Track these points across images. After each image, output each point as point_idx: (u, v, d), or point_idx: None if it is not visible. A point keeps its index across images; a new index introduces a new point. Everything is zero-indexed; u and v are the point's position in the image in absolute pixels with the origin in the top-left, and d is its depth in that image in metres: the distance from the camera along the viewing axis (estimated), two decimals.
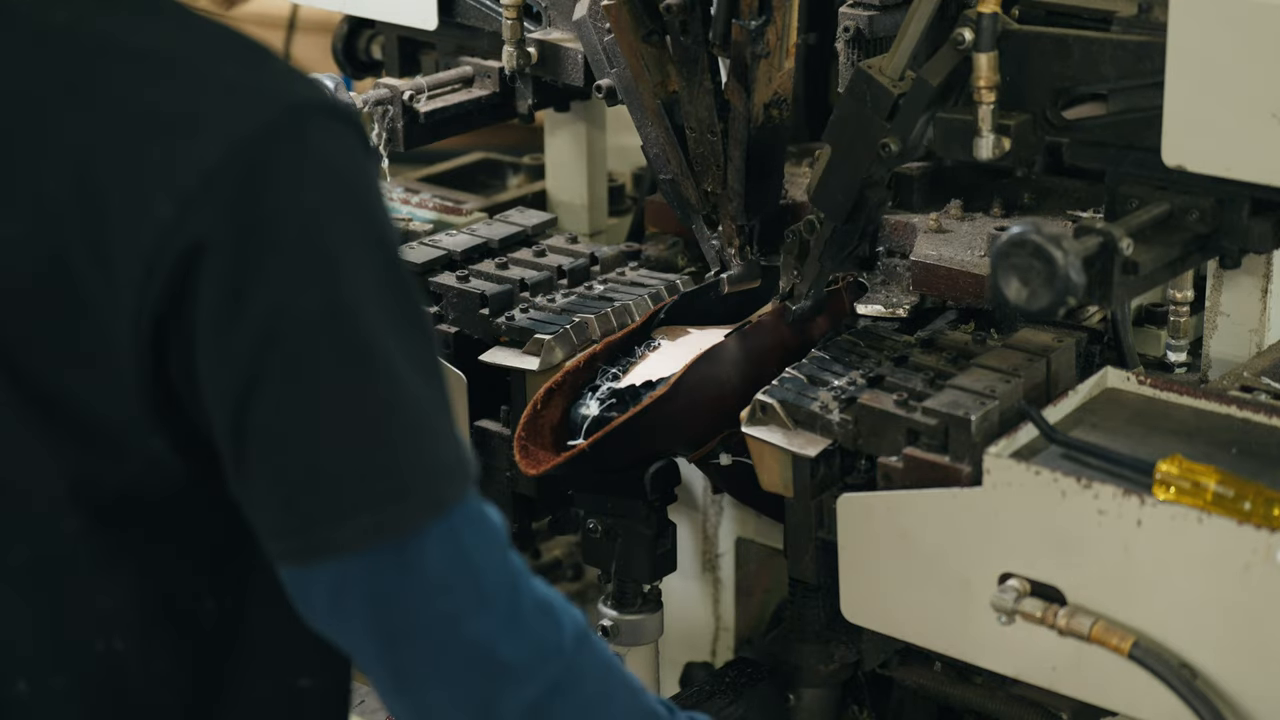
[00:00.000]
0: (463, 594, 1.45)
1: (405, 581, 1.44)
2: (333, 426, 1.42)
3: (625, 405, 2.14)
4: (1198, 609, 1.77)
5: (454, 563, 1.45)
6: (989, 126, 1.95)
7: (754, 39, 2.07)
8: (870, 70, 2.04)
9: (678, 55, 2.17)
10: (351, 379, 1.42)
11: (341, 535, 1.43)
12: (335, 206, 1.41)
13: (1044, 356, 2.05)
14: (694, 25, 2.13)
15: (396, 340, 1.43)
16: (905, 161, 2.09)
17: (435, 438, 1.46)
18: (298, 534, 1.44)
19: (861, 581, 2.00)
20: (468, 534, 1.46)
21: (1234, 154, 1.93)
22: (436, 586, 1.45)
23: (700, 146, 2.20)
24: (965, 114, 1.98)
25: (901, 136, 2.02)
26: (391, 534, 1.43)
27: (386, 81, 2.61)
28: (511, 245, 2.50)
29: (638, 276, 2.44)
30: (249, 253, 1.38)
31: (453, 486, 1.46)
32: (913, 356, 2.11)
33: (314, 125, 1.41)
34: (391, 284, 1.44)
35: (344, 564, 1.43)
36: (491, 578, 1.47)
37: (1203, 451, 1.85)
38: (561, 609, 1.52)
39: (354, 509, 1.42)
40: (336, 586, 1.45)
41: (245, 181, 1.38)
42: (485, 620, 1.46)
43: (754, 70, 2.11)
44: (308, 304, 1.39)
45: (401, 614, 1.45)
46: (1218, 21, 1.89)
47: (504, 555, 1.49)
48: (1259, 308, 2.16)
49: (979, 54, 1.94)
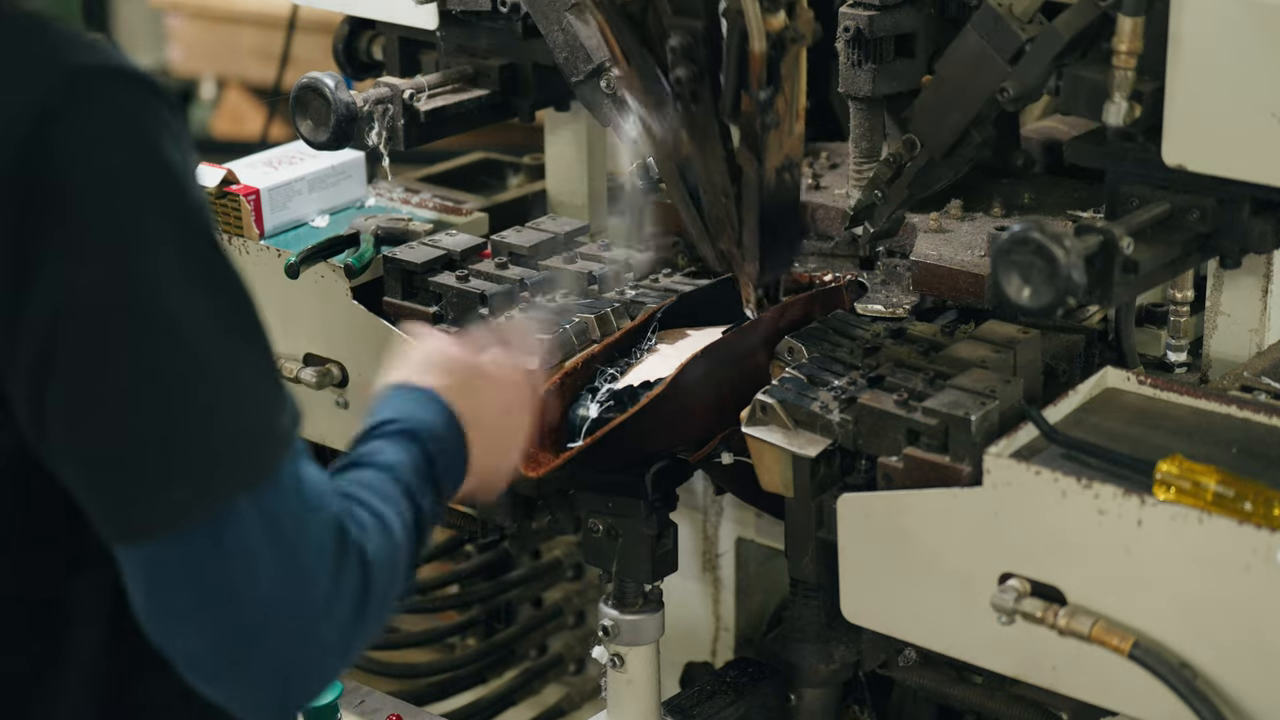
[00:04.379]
0: (279, 570, 1.43)
1: (218, 560, 1.41)
2: (129, 404, 1.39)
3: (624, 406, 2.14)
4: (1198, 609, 1.77)
5: (268, 539, 1.42)
6: (1124, 93, 1.93)
7: (763, 109, 2.10)
8: (999, 8, 2.02)
9: (688, 124, 2.19)
10: (146, 352, 1.39)
11: (149, 516, 1.40)
12: (125, 171, 1.38)
13: (1010, 349, 2.05)
14: (704, 95, 2.15)
15: (198, 304, 1.40)
16: (1022, 106, 2.08)
17: (241, 409, 1.43)
18: (105, 514, 1.42)
19: (861, 581, 2.00)
20: (279, 506, 1.43)
21: (1234, 154, 1.93)
22: (250, 565, 1.42)
23: (715, 209, 2.23)
24: (1098, 73, 1.95)
25: (1022, 82, 2.01)
26: (200, 513, 1.40)
27: (387, 81, 2.61)
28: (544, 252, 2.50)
29: (671, 283, 2.43)
30: (36, 223, 1.36)
31: (262, 458, 1.43)
32: (884, 348, 2.11)
33: (101, 90, 1.38)
34: (191, 247, 1.41)
35: (155, 544, 1.41)
36: (309, 552, 1.44)
37: (1203, 451, 1.85)
38: (372, 555, 1.49)
39: (159, 489, 1.40)
40: (151, 566, 1.42)
41: (28, 150, 1.36)
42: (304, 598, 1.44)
43: (764, 138, 2.13)
44: (97, 275, 1.37)
45: (216, 594, 1.42)
46: (1219, 21, 1.89)
47: (321, 525, 1.46)
48: (1259, 308, 2.16)
49: (1124, 17, 1.90)
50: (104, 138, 1.38)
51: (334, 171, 2.71)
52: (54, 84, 1.37)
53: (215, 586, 1.42)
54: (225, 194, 2.58)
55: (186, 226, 1.42)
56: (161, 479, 1.41)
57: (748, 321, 2.23)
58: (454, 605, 3.09)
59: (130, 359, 1.39)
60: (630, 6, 2.14)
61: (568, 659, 3.14)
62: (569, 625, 3.15)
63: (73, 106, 1.37)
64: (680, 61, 2.12)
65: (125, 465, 1.41)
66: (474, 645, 3.11)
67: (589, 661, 3.07)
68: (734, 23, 2.07)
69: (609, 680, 2.35)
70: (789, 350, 2.16)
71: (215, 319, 1.42)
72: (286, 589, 1.43)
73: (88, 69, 1.39)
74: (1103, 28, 1.96)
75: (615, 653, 2.32)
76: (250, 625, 1.43)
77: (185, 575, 1.42)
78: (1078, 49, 2.00)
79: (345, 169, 2.73)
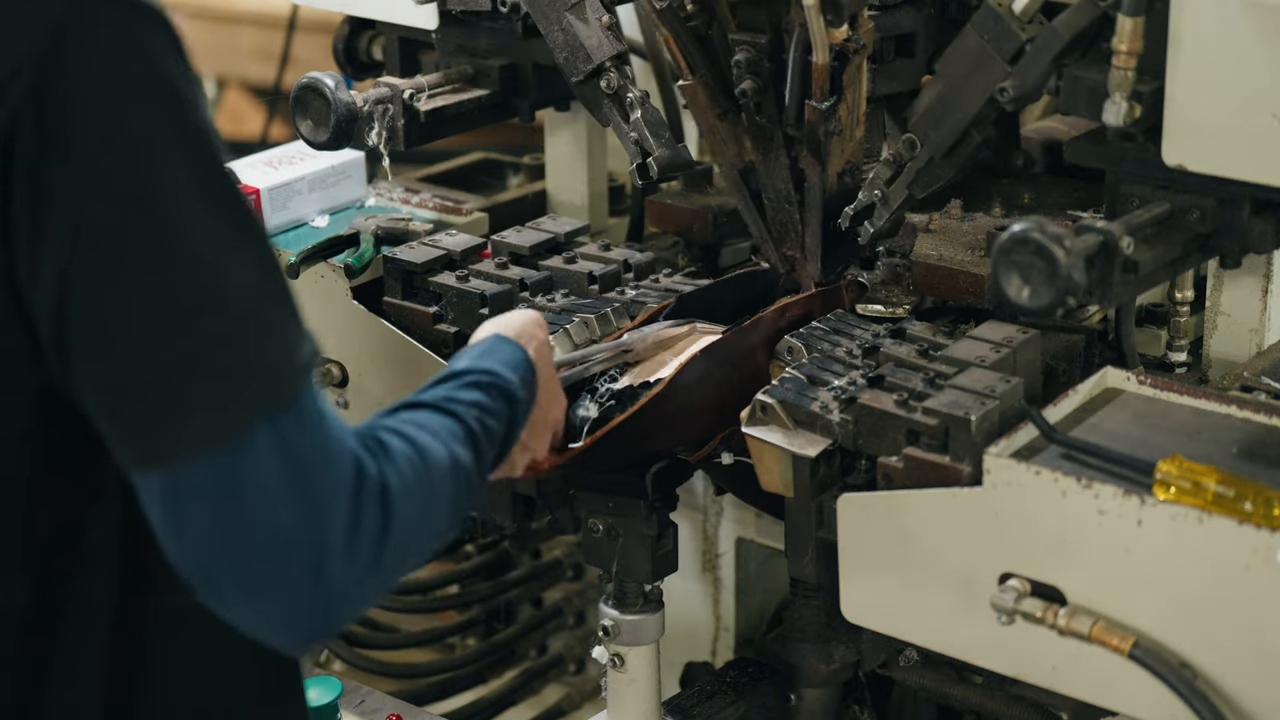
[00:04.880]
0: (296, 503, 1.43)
1: (237, 488, 1.41)
2: (147, 331, 1.40)
3: (624, 406, 2.14)
4: (1198, 609, 1.77)
5: (286, 469, 1.42)
6: (1124, 93, 1.93)
7: (826, 118, 2.18)
8: (999, 8, 2.04)
9: (753, 134, 2.27)
10: (165, 278, 1.39)
11: (166, 442, 1.41)
12: (140, 96, 1.39)
13: (1010, 349, 2.05)
14: (768, 106, 2.23)
15: (215, 232, 1.41)
16: (1021, 107, 2.11)
17: (261, 337, 1.43)
18: (125, 442, 1.42)
19: (861, 581, 2.00)
20: (299, 437, 1.43)
21: (1234, 154, 1.93)
22: (269, 494, 1.42)
23: (779, 214, 2.31)
24: (1098, 73, 1.96)
25: (1022, 82, 2.02)
26: (218, 440, 1.40)
27: (387, 80, 2.61)
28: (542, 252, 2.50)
29: (671, 283, 2.43)
30: (54, 147, 1.36)
31: (280, 388, 1.43)
32: (884, 348, 2.11)
33: (115, 16, 1.39)
34: (206, 173, 1.42)
35: (175, 472, 1.41)
36: (326, 484, 1.44)
37: (1203, 451, 1.85)
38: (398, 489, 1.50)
39: (176, 415, 1.40)
40: (170, 493, 1.42)
41: (38, 77, 1.36)
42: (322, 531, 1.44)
43: (827, 145, 2.21)
44: (114, 200, 1.38)
45: (235, 522, 1.42)
46: (1219, 21, 1.89)
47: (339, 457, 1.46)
48: (1259, 308, 2.16)
49: (1124, 17, 1.91)
50: (112, 63, 1.38)
51: (334, 171, 2.71)
52: (62, 10, 1.38)
53: (232, 513, 1.42)
54: None
55: (198, 150, 1.42)
56: (179, 406, 1.41)
57: (748, 321, 2.23)
58: (454, 605, 3.09)
59: (148, 285, 1.39)
60: (695, 20, 2.23)
61: (568, 659, 3.14)
62: (569, 625, 3.15)
63: (80, 32, 1.37)
64: (745, 75, 2.21)
65: (143, 391, 1.41)
66: (474, 645, 3.11)
67: (589, 661, 3.07)
68: (797, 35, 2.15)
69: (609, 680, 2.35)
70: (789, 350, 2.17)
71: (232, 246, 1.43)
72: (302, 518, 1.43)
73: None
74: (1103, 28, 1.96)
75: (615, 653, 2.32)
76: (267, 552, 1.43)
77: (203, 501, 1.42)
78: (1078, 49, 2.00)
79: (345, 169, 2.73)
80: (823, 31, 2.12)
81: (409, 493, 1.52)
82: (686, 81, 2.29)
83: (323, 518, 1.44)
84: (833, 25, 2.12)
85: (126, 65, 1.39)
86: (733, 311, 2.30)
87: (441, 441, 1.61)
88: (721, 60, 2.25)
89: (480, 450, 1.68)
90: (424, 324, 2.39)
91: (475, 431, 1.68)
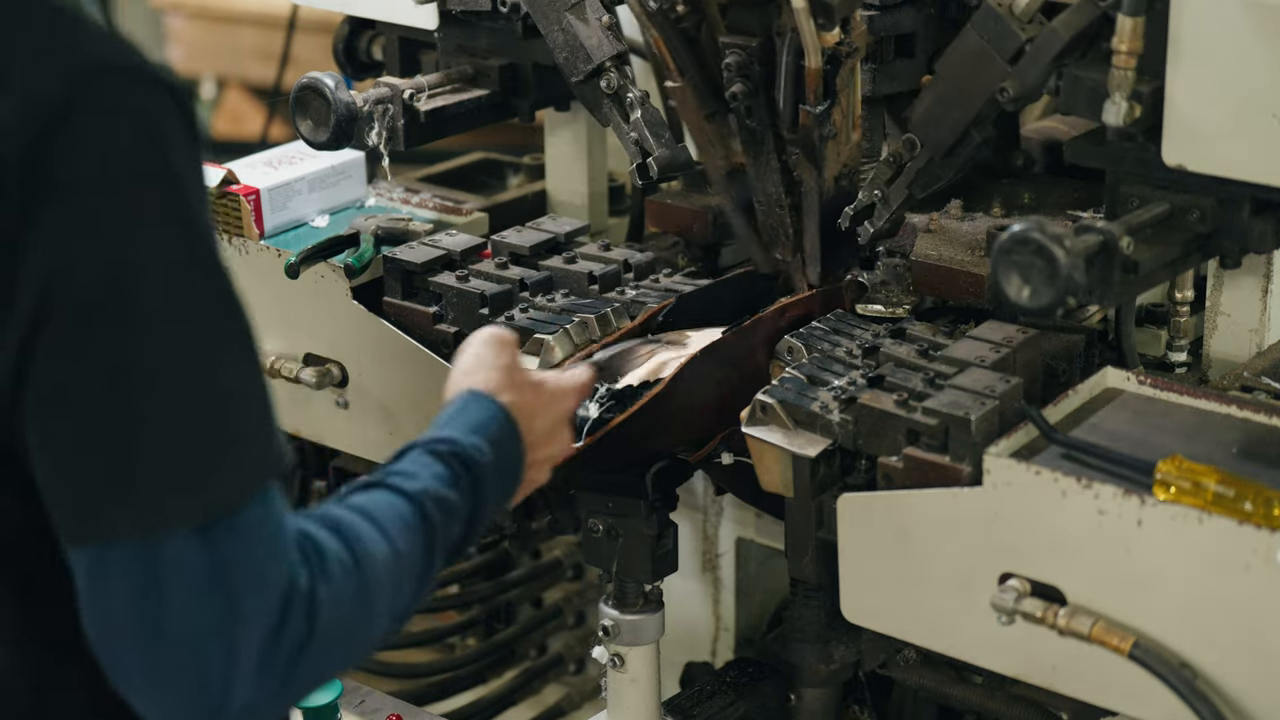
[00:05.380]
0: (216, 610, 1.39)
1: (160, 580, 1.38)
2: (96, 410, 1.37)
3: (624, 406, 2.14)
4: (1198, 609, 1.77)
5: (212, 575, 1.39)
6: (1124, 93, 1.93)
7: (821, 122, 2.17)
8: (999, 8, 2.04)
9: (744, 137, 2.26)
10: (120, 361, 1.36)
11: (97, 521, 1.38)
12: (131, 173, 1.37)
13: (1010, 349, 2.05)
14: (759, 109, 2.22)
15: (187, 322, 1.39)
16: (1021, 107, 2.11)
17: (210, 439, 1.40)
18: (61, 508, 1.40)
19: (861, 581, 2.00)
20: (233, 547, 1.40)
21: (1234, 154, 1.93)
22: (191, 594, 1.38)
23: (770, 218, 2.30)
24: (1098, 73, 1.96)
25: (1022, 82, 2.02)
26: (150, 530, 1.37)
27: (387, 80, 2.61)
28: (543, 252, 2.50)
29: (671, 283, 2.43)
30: (36, 220, 1.35)
31: (217, 495, 1.39)
32: (884, 348, 2.11)
33: (120, 90, 1.37)
34: (190, 260, 1.39)
35: (101, 550, 1.38)
36: (250, 598, 1.40)
37: (1203, 451, 1.85)
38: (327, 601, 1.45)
39: (113, 497, 1.38)
40: (95, 569, 1.39)
41: (41, 142, 1.35)
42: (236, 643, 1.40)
43: (822, 149, 2.20)
44: (84, 277, 1.35)
45: (152, 612, 1.39)
46: (1219, 21, 1.89)
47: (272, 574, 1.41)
48: (1259, 308, 2.16)
49: (1124, 17, 1.91)
50: (118, 140, 1.37)
51: (334, 171, 2.71)
52: (75, 80, 1.36)
53: (151, 603, 1.39)
54: (225, 194, 2.58)
55: (192, 238, 1.40)
56: (118, 488, 1.38)
57: (748, 321, 2.23)
58: (454, 605, 3.09)
59: (105, 363, 1.37)
60: (685, 22, 2.22)
61: (568, 659, 3.14)
62: (569, 625, 3.15)
63: (90, 104, 1.36)
64: (736, 78, 2.19)
65: (85, 465, 1.38)
66: (474, 645, 3.11)
67: (589, 661, 3.07)
68: (789, 39, 2.14)
69: (609, 680, 2.35)
70: (789, 350, 2.17)
71: (211, 342, 1.41)
72: (219, 627, 1.39)
73: (109, 67, 1.38)
74: (1103, 28, 1.96)
75: (615, 653, 2.32)
76: (177, 650, 1.39)
77: (125, 585, 1.39)
78: (1078, 49, 2.00)
79: (345, 169, 2.73)
80: (814, 35, 2.11)
81: (339, 604, 1.47)
82: (675, 83, 2.28)
83: (239, 631, 1.40)
84: (824, 29, 2.11)
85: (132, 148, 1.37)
86: (733, 311, 2.30)
87: (385, 536, 1.55)
88: (710, 62, 2.25)
89: (432, 529, 1.62)
90: (424, 324, 2.39)
91: (429, 513, 1.61)
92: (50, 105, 1.36)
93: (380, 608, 1.53)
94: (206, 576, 1.39)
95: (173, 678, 1.40)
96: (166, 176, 1.39)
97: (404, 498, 1.60)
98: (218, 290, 1.42)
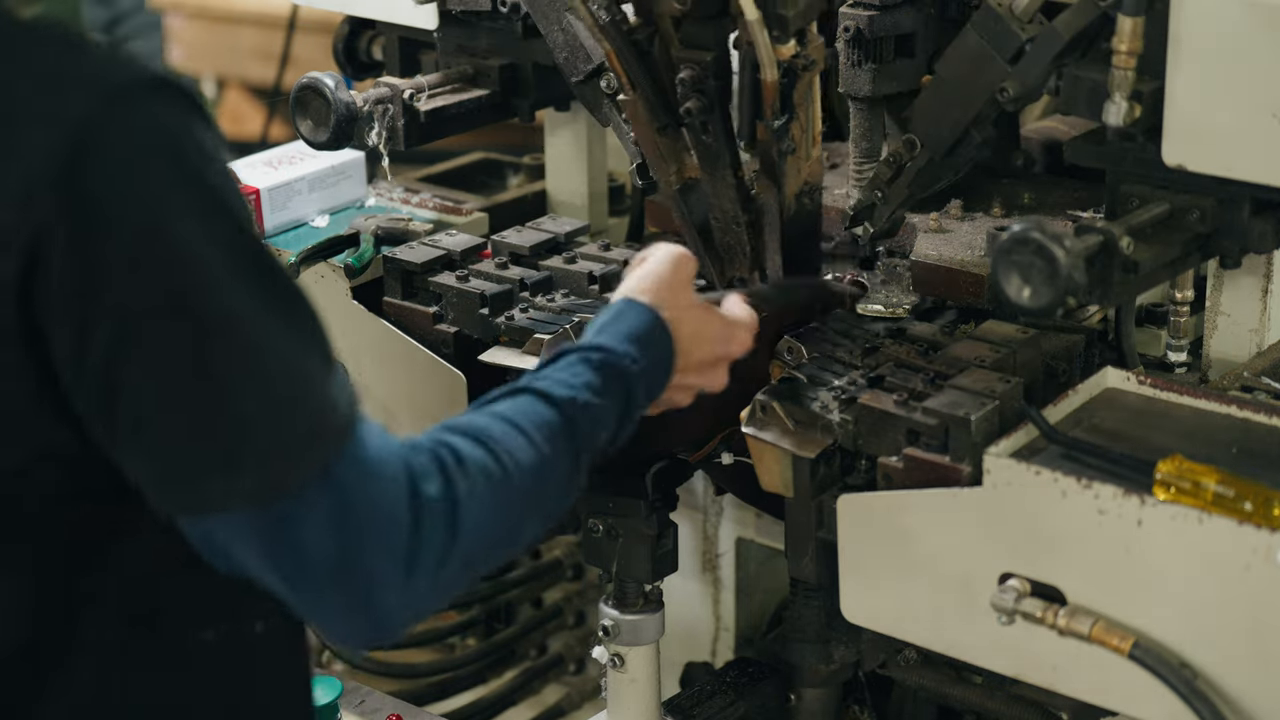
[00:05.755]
0: (353, 545, 1.49)
1: (286, 538, 1.47)
2: (195, 406, 1.44)
3: None
4: (1198, 609, 1.77)
5: (338, 511, 1.48)
6: (1124, 93, 1.93)
7: (779, 137, 2.12)
8: (999, 8, 2.03)
9: (699, 153, 2.21)
10: (207, 357, 1.44)
11: (211, 500, 1.46)
12: (168, 184, 1.42)
13: (1010, 349, 2.05)
14: (714, 124, 2.17)
15: (255, 303, 1.45)
16: (1021, 107, 2.09)
17: (299, 401, 1.48)
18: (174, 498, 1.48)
19: (861, 581, 2.00)
20: (347, 484, 1.48)
21: (1234, 154, 1.93)
22: (321, 535, 1.47)
23: (726, 236, 2.24)
24: (1098, 73, 1.96)
25: (1022, 82, 2.02)
26: (260, 499, 1.46)
27: (387, 80, 2.61)
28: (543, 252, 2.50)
29: None
30: (86, 243, 1.39)
31: (326, 447, 1.48)
32: (884, 348, 2.11)
33: (138, 105, 1.41)
34: (241, 248, 1.46)
35: (228, 519, 1.47)
36: (377, 519, 1.49)
37: (1203, 451, 1.85)
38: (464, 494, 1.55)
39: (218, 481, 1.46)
40: (227, 538, 1.48)
41: (70, 174, 1.39)
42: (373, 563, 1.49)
43: (782, 165, 2.15)
44: (153, 290, 1.42)
45: (294, 564, 1.48)
46: (1219, 21, 1.89)
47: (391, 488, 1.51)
48: (1259, 308, 2.16)
49: (1124, 17, 1.91)
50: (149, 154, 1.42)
51: (334, 171, 2.71)
52: (94, 102, 1.40)
53: (285, 557, 1.48)
54: None
55: (237, 231, 1.46)
56: (228, 472, 1.46)
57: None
58: (454, 605, 3.09)
59: (194, 364, 1.44)
60: (637, 35, 2.16)
61: (568, 659, 3.14)
62: (569, 625, 3.15)
63: (114, 124, 1.40)
64: (690, 93, 2.14)
65: (194, 462, 1.46)
66: (474, 645, 3.11)
67: (589, 661, 3.07)
68: (744, 53, 2.09)
69: (609, 680, 2.35)
70: (789, 350, 2.17)
71: (269, 314, 1.47)
72: (354, 553, 1.49)
73: (131, 84, 1.42)
74: (1103, 28, 1.96)
75: (615, 653, 2.32)
76: (325, 585, 1.49)
77: (256, 545, 1.48)
78: (1078, 49, 2.00)
79: (345, 169, 2.73)
80: (769, 48, 2.05)
81: (482, 506, 1.57)
82: (627, 97, 2.22)
83: (372, 551, 1.49)
84: (779, 41, 2.05)
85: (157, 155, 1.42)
86: None
87: (530, 441, 1.64)
88: (664, 76, 2.18)
89: (579, 438, 1.69)
90: (424, 324, 2.39)
91: (576, 420, 1.69)
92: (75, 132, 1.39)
93: (528, 509, 1.63)
94: (332, 514, 1.48)
95: (327, 607, 1.51)
96: (199, 179, 1.44)
97: (551, 404, 1.69)
98: (264, 263, 1.48)
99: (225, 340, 1.44)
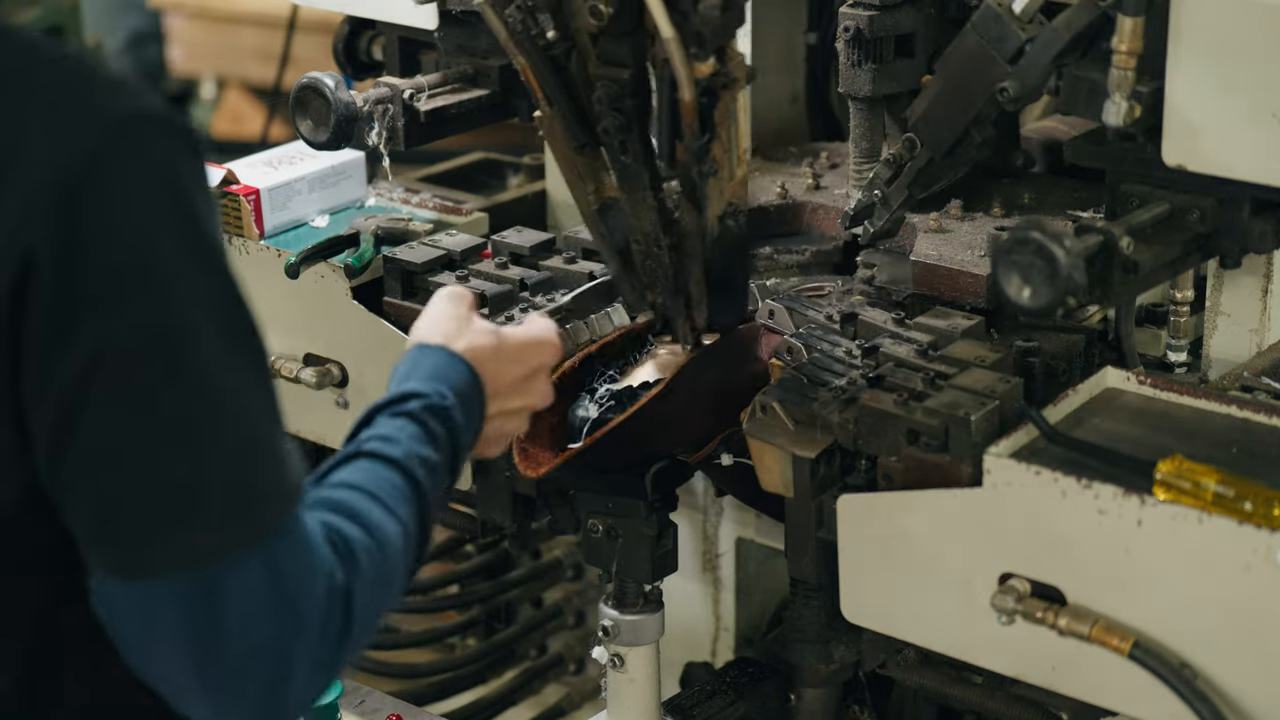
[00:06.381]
0: (276, 622, 1.44)
1: (219, 603, 1.43)
2: (153, 451, 1.41)
3: (623, 406, 2.14)
4: (1198, 609, 1.77)
5: (271, 590, 1.44)
6: (1124, 93, 1.93)
7: (699, 158, 2.01)
8: (999, 8, 2.03)
9: (619, 172, 2.12)
10: (175, 402, 1.41)
11: (157, 558, 1.42)
12: (162, 222, 1.41)
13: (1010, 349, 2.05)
14: (632, 144, 2.07)
15: (227, 356, 1.43)
16: (1021, 107, 2.08)
17: (258, 463, 1.45)
18: (111, 551, 1.44)
19: (861, 581, 2.00)
20: (285, 559, 1.45)
21: (1234, 154, 1.93)
22: (251, 612, 1.43)
23: (648, 259, 2.15)
24: (1098, 73, 1.96)
25: (1022, 82, 2.02)
26: (204, 559, 1.42)
27: (387, 80, 2.61)
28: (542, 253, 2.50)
29: None
30: (74, 276, 1.38)
31: (270, 514, 1.44)
32: (884, 348, 2.11)
33: (139, 139, 1.40)
34: (222, 298, 1.44)
35: (154, 585, 1.43)
36: (305, 604, 1.45)
37: (1203, 451, 1.85)
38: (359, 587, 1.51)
39: (167, 533, 1.42)
40: (149, 602, 1.43)
41: (67, 204, 1.37)
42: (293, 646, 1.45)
43: (703, 187, 2.05)
44: (134, 327, 1.39)
45: (210, 633, 1.43)
46: (1219, 21, 1.89)
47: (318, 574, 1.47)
48: (1259, 308, 2.16)
49: (1124, 16, 1.91)
50: (145, 188, 1.40)
51: (334, 171, 2.71)
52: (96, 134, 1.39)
53: (209, 628, 1.43)
54: (225, 194, 2.58)
55: (220, 278, 1.44)
56: (176, 524, 1.42)
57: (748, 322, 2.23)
58: (454, 605, 3.10)
59: (161, 406, 1.41)
60: (554, 49, 2.07)
61: (568, 659, 3.14)
62: (569, 625, 3.15)
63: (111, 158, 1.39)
64: (607, 112, 2.05)
65: (143, 508, 1.42)
66: (474, 645, 3.11)
67: (589, 661, 3.07)
68: (662, 71, 1.99)
69: (609, 680, 2.35)
70: (789, 350, 2.16)
71: (241, 372, 1.44)
72: (279, 636, 1.44)
73: (133, 117, 1.41)
74: (1103, 28, 1.97)
75: (615, 653, 2.32)
76: (237, 665, 1.44)
77: (181, 614, 1.43)
78: (1078, 49, 2.00)
79: (345, 169, 2.73)
80: (686, 66, 1.93)
81: (370, 591, 1.53)
82: (543, 114, 2.13)
83: (297, 635, 1.45)
84: (697, 59, 1.93)
85: (153, 190, 1.41)
86: None
87: (389, 512, 1.59)
88: (581, 92, 2.09)
89: (423, 492, 1.66)
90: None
91: (416, 478, 1.65)
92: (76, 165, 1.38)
93: (398, 582, 1.60)
94: (265, 592, 1.43)
95: (235, 691, 1.46)
96: (190, 216, 1.42)
97: (392, 467, 1.64)
98: (243, 318, 1.46)
99: (195, 388, 1.41)
